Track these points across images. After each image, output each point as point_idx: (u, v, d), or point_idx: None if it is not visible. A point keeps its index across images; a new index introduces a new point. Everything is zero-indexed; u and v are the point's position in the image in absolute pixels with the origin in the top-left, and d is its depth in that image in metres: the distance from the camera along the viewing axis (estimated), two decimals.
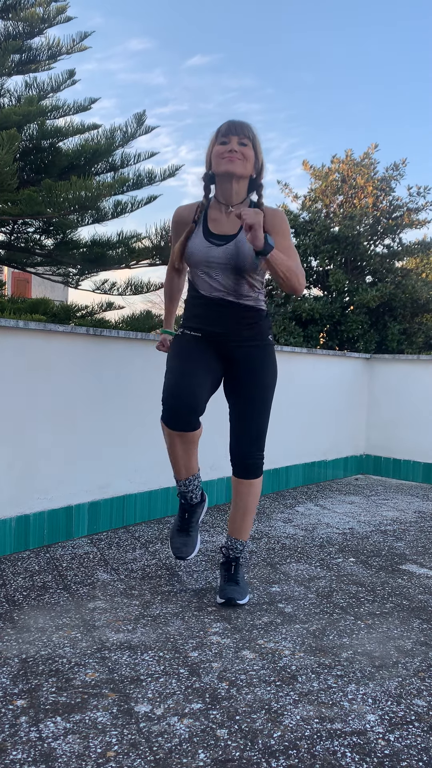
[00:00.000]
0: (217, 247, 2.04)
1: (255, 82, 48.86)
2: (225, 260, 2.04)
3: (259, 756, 1.29)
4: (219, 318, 2.09)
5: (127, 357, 3.02)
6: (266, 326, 2.16)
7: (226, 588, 2.12)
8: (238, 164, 2.00)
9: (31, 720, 1.40)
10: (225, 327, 2.09)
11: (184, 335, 2.15)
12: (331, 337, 6.80)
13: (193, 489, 2.21)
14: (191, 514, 2.24)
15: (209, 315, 2.10)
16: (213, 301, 2.08)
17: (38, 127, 4.16)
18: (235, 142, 2.01)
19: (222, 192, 2.08)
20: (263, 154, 2.08)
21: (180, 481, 2.20)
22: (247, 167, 2.03)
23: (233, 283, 2.06)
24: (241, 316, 2.10)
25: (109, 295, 5.01)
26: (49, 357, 2.67)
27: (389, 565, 2.59)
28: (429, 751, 1.33)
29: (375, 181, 7.09)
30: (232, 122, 2.04)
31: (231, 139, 2.01)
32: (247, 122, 2.05)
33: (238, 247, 2.03)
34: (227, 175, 2.02)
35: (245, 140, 2.01)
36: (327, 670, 1.67)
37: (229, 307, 2.08)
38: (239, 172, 2.02)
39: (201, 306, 2.11)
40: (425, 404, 4.49)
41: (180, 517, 2.25)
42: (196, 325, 2.13)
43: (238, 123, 2.03)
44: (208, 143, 2.07)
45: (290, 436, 4.12)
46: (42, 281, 16.71)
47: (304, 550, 2.75)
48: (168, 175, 4.52)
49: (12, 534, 2.56)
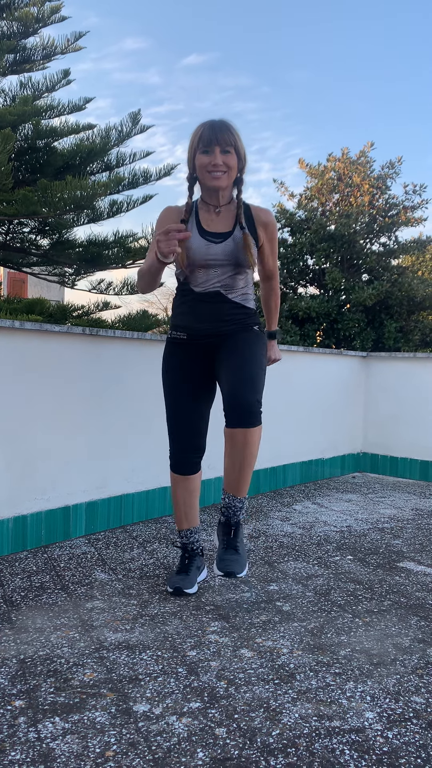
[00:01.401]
0: (216, 244, 2.07)
1: (251, 80, 48.81)
2: (225, 256, 2.07)
3: (258, 754, 1.29)
4: (208, 313, 2.11)
5: (124, 357, 3.01)
6: (253, 322, 2.17)
7: (224, 557, 2.03)
8: (223, 179, 2.04)
9: (30, 720, 1.40)
10: (212, 322, 2.11)
11: (170, 343, 2.21)
12: (327, 335, 6.80)
13: (193, 542, 2.25)
14: (191, 560, 2.25)
15: (199, 311, 2.12)
16: (205, 296, 2.10)
17: (33, 126, 4.15)
18: (218, 153, 1.99)
19: (209, 196, 2.12)
20: (245, 149, 2.08)
21: (181, 531, 2.25)
22: (232, 176, 2.06)
23: (230, 278, 2.10)
24: (230, 313, 2.12)
25: (105, 294, 5.00)
26: (45, 357, 2.67)
27: (387, 562, 2.59)
28: (427, 748, 1.33)
29: (371, 179, 7.10)
30: (212, 128, 2.00)
31: (214, 149, 1.99)
32: (227, 122, 2.03)
33: (237, 243, 2.07)
34: (213, 189, 2.07)
35: (228, 147, 2.00)
36: (325, 668, 1.67)
37: (220, 301, 2.10)
38: (225, 186, 2.06)
39: (191, 302, 2.13)
40: (422, 402, 4.50)
41: (181, 562, 2.26)
42: (184, 323, 2.16)
43: (219, 128, 2.00)
44: (189, 143, 2.06)
45: (287, 435, 4.12)
46: (38, 281, 16.68)
47: (301, 548, 2.76)
48: (163, 174, 4.52)
49: (9, 534, 2.56)
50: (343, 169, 7.30)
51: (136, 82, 44.29)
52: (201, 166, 2.03)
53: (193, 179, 2.11)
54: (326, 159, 7.52)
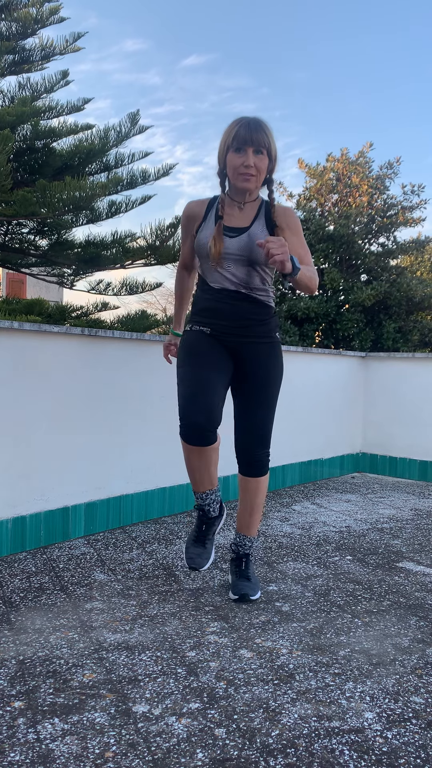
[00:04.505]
0: (230, 238, 2.04)
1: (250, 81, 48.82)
2: (239, 251, 2.03)
3: (258, 755, 1.29)
4: (229, 311, 2.08)
5: (123, 357, 3.01)
6: (274, 324, 2.17)
7: (238, 584, 2.14)
8: (252, 182, 2.02)
9: (29, 721, 1.40)
10: (234, 320, 2.08)
11: (192, 331, 2.13)
12: (326, 335, 6.81)
13: (210, 503, 2.17)
14: (208, 527, 2.21)
15: (219, 308, 2.08)
16: (223, 293, 2.07)
17: (32, 127, 4.15)
18: (250, 154, 1.97)
19: (236, 193, 2.10)
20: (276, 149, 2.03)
21: (198, 494, 2.16)
22: (261, 179, 2.04)
23: (245, 275, 2.06)
24: (251, 311, 2.09)
25: (104, 295, 5.00)
26: (44, 358, 2.67)
27: (386, 562, 2.59)
28: (426, 748, 1.33)
29: (370, 180, 7.11)
30: (248, 127, 1.96)
31: (247, 150, 1.96)
32: (262, 122, 1.99)
33: (251, 238, 2.03)
34: (242, 190, 2.06)
35: (261, 148, 1.97)
36: (324, 668, 1.67)
37: (240, 300, 2.07)
38: (254, 188, 2.05)
39: (211, 299, 2.10)
40: (421, 402, 4.50)
41: (197, 527, 2.21)
42: (205, 320, 2.11)
43: (254, 127, 1.96)
44: (222, 137, 2.02)
45: (286, 435, 4.12)
46: (37, 282, 16.67)
47: (301, 548, 2.76)
48: (162, 174, 4.52)
49: (8, 535, 2.55)
50: (342, 169, 7.30)
51: (135, 83, 44.30)
52: (232, 166, 2.00)
53: (223, 175, 2.09)
54: (325, 159, 7.53)
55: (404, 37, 57.01)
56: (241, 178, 2.01)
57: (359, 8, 62.74)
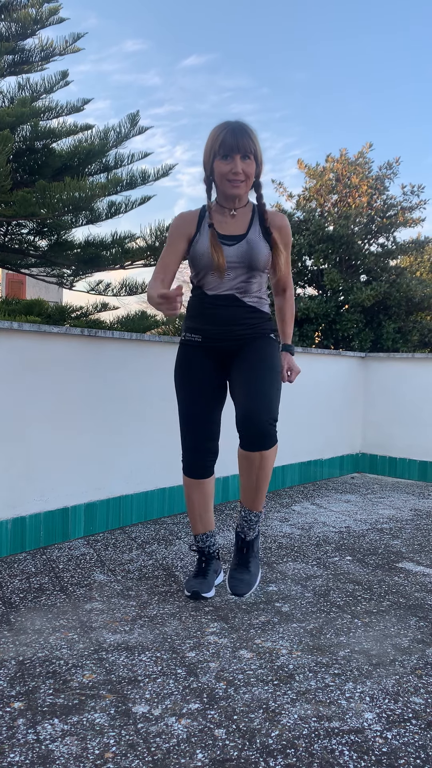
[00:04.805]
0: (229, 246, 2.05)
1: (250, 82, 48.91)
2: (239, 259, 2.05)
3: (257, 755, 1.29)
4: (223, 317, 2.09)
5: (122, 357, 3.01)
6: (268, 327, 2.18)
7: (234, 576, 2.14)
8: (242, 188, 2.03)
9: (29, 722, 1.39)
10: (229, 326, 2.09)
11: (185, 345, 2.17)
12: (326, 336, 6.81)
13: (209, 546, 2.24)
14: (208, 563, 2.23)
15: (214, 314, 2.10)
16: (220, 298, 2.08)
17: (31, 128, 4.15)
18: (238, 161, 1.97)
19: (225, 200, 2.10)
20: (262, 153, 2.05)
21: (197, 536, 2.24)
22: (250, 183, 2.05)
23: (244, 282, 2.08)
24: (245, 317, 2.10)
25: (103, 296, 5.01)
26: (44, 358, 2.67)
27: (386, 563, 2.59)
28: (426, 749, 1.33)
29: (369, 180, 7.11)
30: (233, 133, 1.95)
31: (234, 157, 1.96)
32: (247, 127, 1.98)
33: (250, 245, 2.05)
34: (232, 196, 2.06)
35: (249, 154, 1.98)
36: (324, 668, 1.67)
37: (235, 305, 2.08)
38: (243, 193, 2.06)
39: (206, 305, 2.11)
40: (421, 402, 4.51)
41: (197, 565, 2.24)
42: (198, 326, 2.13)
43: (240, 133, 1.96)
44: (206, 143, 2.02)
45: (286, 435, 4.12)
46: (36, 282, 16.68)
47: (300, 549, 2.76)
48: (161, 174, 4.52)
49: (8, 536, 2.55)
50: (342, 169, 7.31)
51: (135, 83, 44.36)
52: (220, 173, 2.00)
53: (210, 182, 2.08)
54: (325, 160, 7.53)
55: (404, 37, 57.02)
56: (230, 185, 2.01)
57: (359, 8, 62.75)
